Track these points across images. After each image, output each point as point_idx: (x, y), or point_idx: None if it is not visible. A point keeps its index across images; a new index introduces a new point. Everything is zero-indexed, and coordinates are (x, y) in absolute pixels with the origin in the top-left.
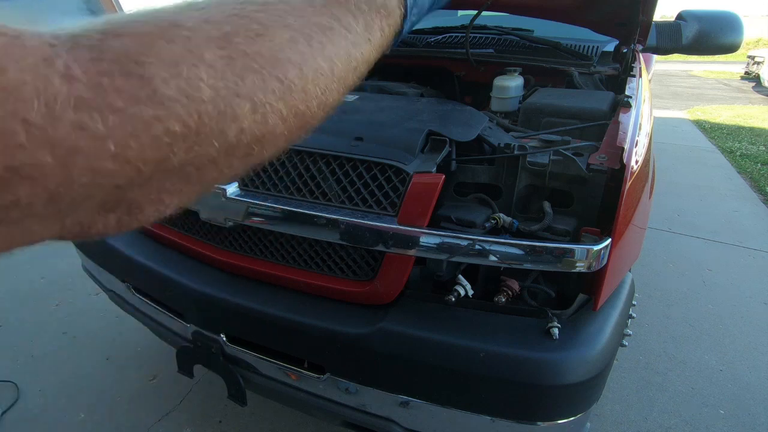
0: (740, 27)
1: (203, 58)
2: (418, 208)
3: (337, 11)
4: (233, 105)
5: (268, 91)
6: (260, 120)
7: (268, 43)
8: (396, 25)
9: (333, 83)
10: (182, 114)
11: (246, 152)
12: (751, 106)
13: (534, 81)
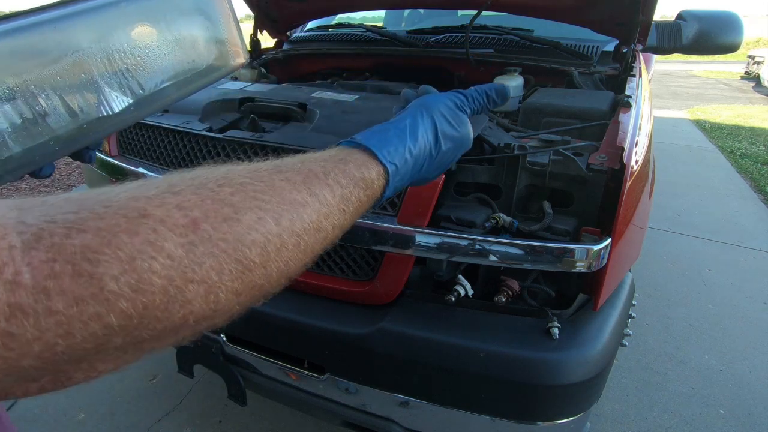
0: (740, 27)
1: (163, 248)
2: (418, 208)
3: (315, 187)
4: (185, 291)
5: (225, 273)
6: (213, 299)
7: (236, 226)
8: (375, 196)
9: (298, 254)
10: (125, 307)
11: (194, 328)
12: (751, 105)
13: (534, 81)
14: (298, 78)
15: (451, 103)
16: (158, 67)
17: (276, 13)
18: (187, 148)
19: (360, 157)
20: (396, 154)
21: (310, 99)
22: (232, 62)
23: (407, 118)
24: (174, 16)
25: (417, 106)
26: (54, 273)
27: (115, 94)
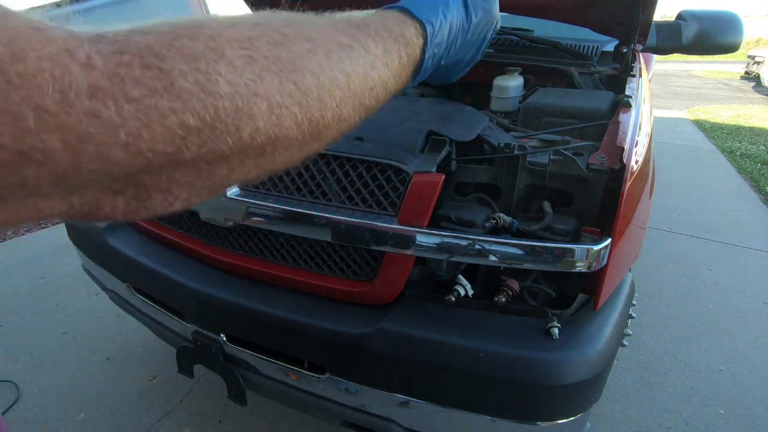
0: (740, 27)
1: (224, 55)
2: (418, 208)
3: (357, 34)
4: (250, 103)
5: (285, 94)
6: (275, 121)
7: (288, 50)
8: (415, 56)
9: (348, 97)
10: (198, 108)
11: (258, 153)
12: (751, 105)
13: (534, 81)
14: None
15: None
16: None
17: None
18: None
19: (396, 14)
20: (431, 13)
21: None
22: None
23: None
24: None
25: None
26: (124, 62)
27: None
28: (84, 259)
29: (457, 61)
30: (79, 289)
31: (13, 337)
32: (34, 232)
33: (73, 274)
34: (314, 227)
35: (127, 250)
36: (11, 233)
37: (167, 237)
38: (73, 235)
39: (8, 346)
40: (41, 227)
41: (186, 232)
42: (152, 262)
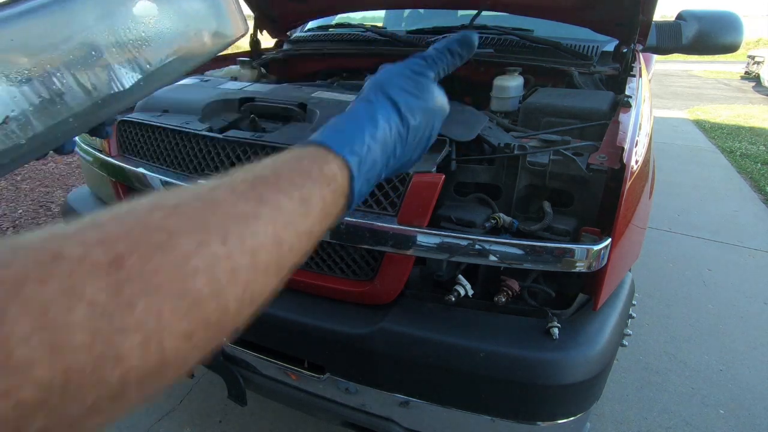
0: (740, 27)
1: (83, 295)
2: (418, 208)
3: (266, 192)
4: (116, 343)
5: (166, 313)
6: (155, 349)
7: (172, 255)
8: (343, 190)
9: (258, 276)
10: (41, 376)
11: (140, 389)
12: (751, 105)
13: (534, 81)
14: (298, 78)
15: (409, 72)
16: (162, 41)
17: (276, 13)
18: (187, 148)
19: (313, 152)
20: (355, 143)
21: (310, 99)
22: (232, 33)
23: (361, 104)
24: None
25: (370, 88)
26: None
27: (124, 71)
28: None
29: (404, 163)
30: None
31: None
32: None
33: None
34: None
35: None
36: (11, 233)
37: None
38: None
39: None
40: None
41: None
42: None
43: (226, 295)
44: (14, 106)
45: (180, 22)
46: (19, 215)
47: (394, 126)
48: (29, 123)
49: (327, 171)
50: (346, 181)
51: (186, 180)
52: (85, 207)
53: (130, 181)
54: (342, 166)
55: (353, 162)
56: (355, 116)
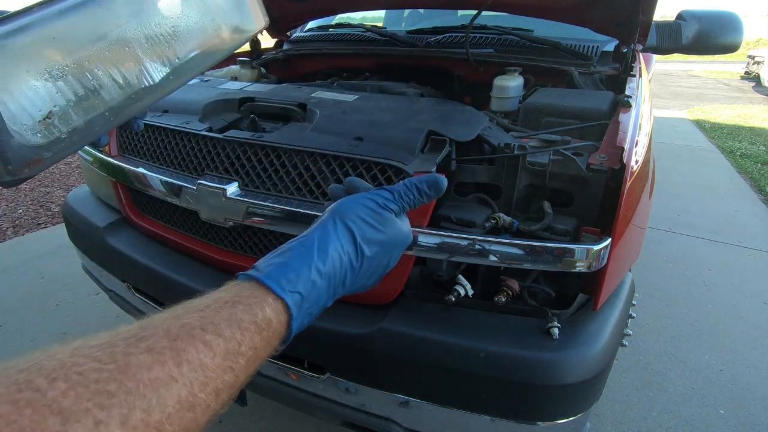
0: (740, 27)
1: None
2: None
3: (187, 350)
4: None
5: None
6: None
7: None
8: (278, 333)
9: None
10: None
11: None
12: (751, 105)
13: (534, 81)
14: (298, 78)
15: (372, 203)
16: (188, 36)
17: (276, 13)
18: (187, 148)
19: (252, 293)
20: (299, 280)
21: (310, 99)
22: (253, 26)
23: (316, 231)
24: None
25: (330, 214)
26: None
27: (154, 65)
28: (84, 259)
29: (354, 290)
30: (79, 289)
31: (13, 337)
32: (34, 231)
33: (73, 274)
34: None
35: (127, 250)
36: (11, 233)
37: (167, 237)
38: (73, 235)
39: (8, 346)
40: (41, 227)
41: (186, 232)
42: (152, 262)
43: None
44: (56, 101)
45: (204, 16)
46: (19, 215)
47: (346, 257)
48: (69, 117)
49: (261, 318)
50: (284, 324)
51: (186, 180)
52: (85, 207)
53: (130, 181)
54: (280, 309)
55: (293, 302)
56: (306, 246)
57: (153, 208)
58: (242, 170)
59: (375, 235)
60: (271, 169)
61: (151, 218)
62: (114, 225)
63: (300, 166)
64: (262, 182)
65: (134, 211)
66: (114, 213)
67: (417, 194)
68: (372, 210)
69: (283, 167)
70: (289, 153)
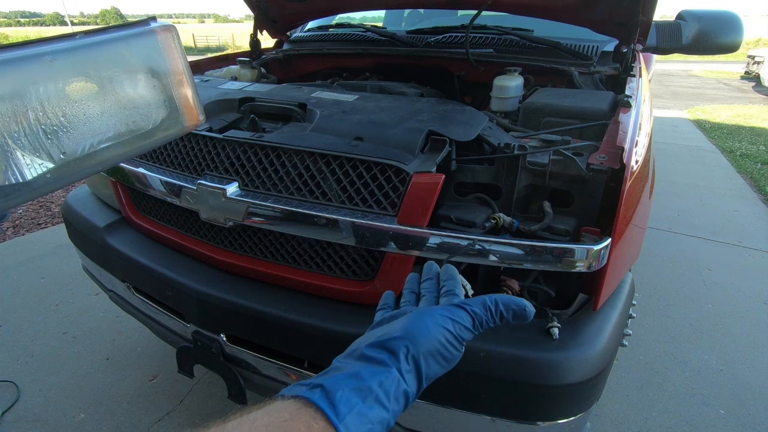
0: (740, 27)
1: None
2: (418, 208)
3: None
4: None
5: None
6: None
7: None
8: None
9: None
10: None
11: None
12: (751, 105)
13: (534, 81)
14: (298, 78)
15: (449, 334)
16: (89, 129)
17: (276, 13)
18: (187, 148)
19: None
20: (360, 424)
21: (310, 99)
22: (183, 124)
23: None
24: (115, 72)
25: (401, 341)
26: None
27: (28, 159)
28: (84, 259)
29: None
30: (79, 289)
31: (13, 337)
32: (33, 232)
33: (73, 274)
34: (314, 227)
35: (127, 250)
36: (11, 233)
37: (167, 237)
38: (73, 235)
39: (8, 346)
40: (41, 227)
41: (186, 232)
42: (152, 262)
43: None
44: None
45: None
46: (19, 215)
47: (407, 398)
48: None
49: None
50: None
51: (186, 180)
52: (85, 207)
53: (130, 181)
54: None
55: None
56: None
57: (153, 208)
58: (242, 170)
59: (440, 371)
60: (271, 169)
61: (151, 218)
62: (114, 225)
63: (300, 166)
64: (262, 182)
65: (134, 211)
66: (114, 213)
67: (498, 321)
68: (447, 343)
69: (283, 167)
70: (289, 153)
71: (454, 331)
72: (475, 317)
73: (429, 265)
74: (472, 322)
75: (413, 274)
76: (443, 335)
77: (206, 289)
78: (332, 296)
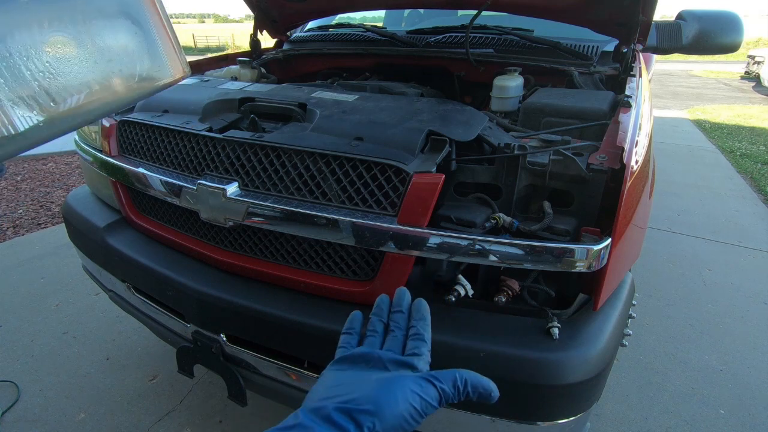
0: (740, 27)
1: None
2: (418, 208)
3: None
4: None
5: None
6: None
7: None
8: None
9: None
10: None
11: None
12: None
13: (534, 81)
14: (298, 78)
15: (416, 413)
16: (73, 78)
17: (276, 13)
18: (187, 149)
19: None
20: None
21: (310, 99)
22: (167, 75)
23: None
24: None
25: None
26: None
27: (19, 111)
28: (84, 259)
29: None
30: (79, 289)
31: (13, 337)
32: (33, 232)
33: (73, 274)
34: (314, 227)
35: (127, 250)
36: (11, 233)
37: (167, 237)
38: (73, 235)
39: (8, 346)
40: (41, 227)
41: (186, 232)
42: (152, 262)
43: None
44: None
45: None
46: (19, 215)
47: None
48: None
49: None
50: None
51: (186, 180)
52: (85, 207)
53: (130, 181)
54: None
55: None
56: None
57: (153, 208)
58: (242, 170)
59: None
60: (271, 169)
61: (151, 218)
62: (114, 225)
63: (300, 166)
64: (262, 182)
65: (134, 211)
66: (114, 213)
67: (462, 398)
68: (411, 418)
69: (283, 167)
70: (289, 153)
71: (420, 408)
72: (443, 395)
73: (401, 293)
74: (438, 399)
75: (384, 297)
76: (409, 412)
77: (206, 289)
78: (332, 296)
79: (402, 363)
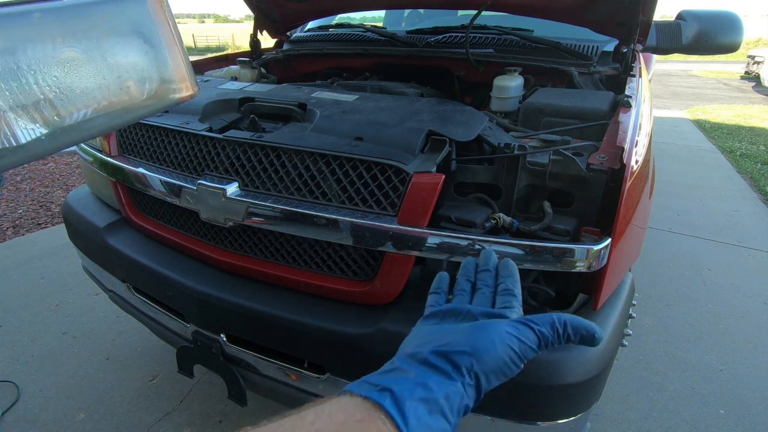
0: (740, 27)
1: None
2: (418, 208)
3: None
4: None
5: None
6: None
7: None
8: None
9: None
10: None
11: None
12: (751, 105)
13: (534, 81)
14: (298, 78)
15: (514, 354)
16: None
17: (276, 13)
18: (187, 148)
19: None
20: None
21: (310, 99)
22: (176, 93)
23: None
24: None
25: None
26: None
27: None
28: (84, 259)
29: None
30: (79, 289)
31: (13, 337)
32: (33, 232)
33: (73, 274)
34: (314, 227)
35: (127, 250)
36: (11, 233)
37: (167, 237)
38: (73, 235)
39: (8, 346)
40: (41, 227)
41: (186, 232)
42: (152, 262)
43: None
44: None
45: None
46: (19, 215)
47: (462, 415)
48: None
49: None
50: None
51: (186, 180)
52: (85, 207)
53: (130, 181)
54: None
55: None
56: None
57: (153, 208)
58: (242, 170)
59: (497, 384)
60: (271, 169)
61: (151, 218)
62: (114, 225)
63: (300, 166)
64: (262, 182)
65: (134, 211)
66: (114, 213)
67: (564, 342)
68: (510, 362)
69: (283, 167)
70: (289, 153)
71: (519, 351)
72: (542, 338)
73: (488, 254)
74: (537, 342)
75: (469, 259)
76: (508, 355)
77: (206, 289)
78: (332, 296)
79: (493, 315)
